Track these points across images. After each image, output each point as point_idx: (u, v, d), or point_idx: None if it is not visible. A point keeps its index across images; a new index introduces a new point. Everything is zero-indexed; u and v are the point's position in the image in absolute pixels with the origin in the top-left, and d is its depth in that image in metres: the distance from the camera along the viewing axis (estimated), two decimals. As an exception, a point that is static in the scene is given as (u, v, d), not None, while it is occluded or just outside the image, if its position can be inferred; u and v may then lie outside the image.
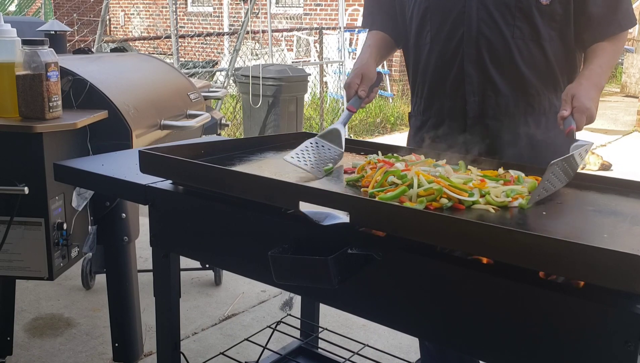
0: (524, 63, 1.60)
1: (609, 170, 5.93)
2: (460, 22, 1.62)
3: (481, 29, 1.60)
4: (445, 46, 1.65)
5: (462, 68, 1.64)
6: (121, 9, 13.76)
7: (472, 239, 0.95)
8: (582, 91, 1.46)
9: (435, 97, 1.72)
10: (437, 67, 1.69)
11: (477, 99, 1.64)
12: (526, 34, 1.58)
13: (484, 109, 1.64)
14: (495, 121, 1.64)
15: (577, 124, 1.42)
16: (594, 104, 1.46)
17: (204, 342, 2.70)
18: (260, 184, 1.19)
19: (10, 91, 1.81)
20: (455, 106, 1.67)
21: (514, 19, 1.57)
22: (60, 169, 1.58)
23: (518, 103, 1.62)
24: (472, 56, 1.62)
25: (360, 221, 1.09)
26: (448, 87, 1.68)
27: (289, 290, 1.49)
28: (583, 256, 0.86)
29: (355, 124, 7.83)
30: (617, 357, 0.88)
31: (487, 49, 1.60)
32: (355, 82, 1.63)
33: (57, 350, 2.58)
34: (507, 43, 1.59)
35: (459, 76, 1.65)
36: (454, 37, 1.63)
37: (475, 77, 1.63)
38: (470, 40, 1.61)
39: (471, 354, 1.07)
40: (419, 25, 1.71)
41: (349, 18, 9.66)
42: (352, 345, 1.97)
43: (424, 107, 1.75)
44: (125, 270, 2.12)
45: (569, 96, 1.46)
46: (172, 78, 2.70)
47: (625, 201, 1.30)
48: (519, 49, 1.59)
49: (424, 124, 1.76)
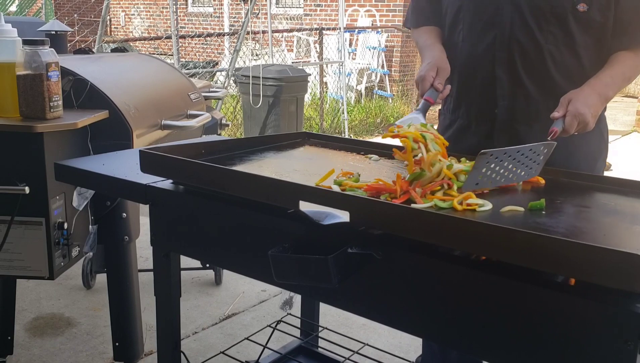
0: (556, 69, 1.57)
1: (609, 170, 5.92)
2: (493, 24, 1.59)
3: (514, 32, 1.56)
4: (476, 47, 1.62)
5: (492, 71, 1.61)
6: (122, 10, 13.75)
7: (472, 238, 0.95)
8: (581, 96, 1.44)
9: (464, 98, 1.70)
10: (467, 68, 1.66)
11: (506, 103, 1.61)
12: (560, 39, 1.55)
13: (514, 113, 1.61)
14: (524, 126, 1.61)
15: (566, 127, 1.41)
16: (591, 111, 1.43)
17: (205, 341, 2.70)
18: (260, 183, 1.19)
19: (10, 90, 1.81)
20: (483, 109, 1.65)
21: (548, 25, 1.54)
22: (60, 169, 1.58)
23: (549, 108, 1.55)
24: (504, 59, 1.59)
25: (360, 221, 1.09)
26: (477, 89, 1.65)
27: (289, 289, 1.49)
28: (583, 256, 0.86)
29: (355, 124, 7.83)
30: (617, 356, 0.88)
31: (520, 54, 1.57)
32: (430, 75, 1.57)
33: (57, 350, 2.58)
34: (540, 48, 1.56)
35: (489, 79, 1.62)
36: (485, 38, 1.60)
37: (505, 81, 1.60)
38: (502, 43, 1.58)
39: (471, 353, 1.07)
40: (452, 23, 1.68)
41: (349, 19, 9.67)
42: (352, 344, 1.97)
43: (453, 106, 1.73)
44: (125, 270, 2.12)
45: (566, 100, 1.45)
46: (172, 78, 2.70)
47: (625, 201, 1.30)
48: (552, 54, 1.56)
49: (452, 123, 1.74)
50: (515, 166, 1.29)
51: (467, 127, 1.70)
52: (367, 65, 9.28)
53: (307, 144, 1.80)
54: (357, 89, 9.14)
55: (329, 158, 1.65)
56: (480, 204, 1.17)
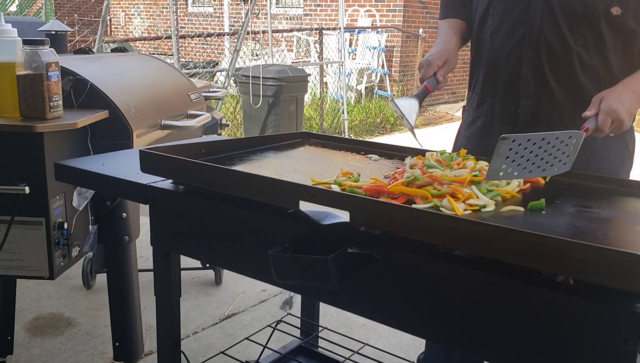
0: (584, 72, 1.53)
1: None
2: (522, 21, 1.56)
3: (544, 32, 1.53)
4: (503, 45, 1.60)
5: (518, 70, 1.58)
6: (122, 10, 13.76)
7: (472, 238, 0.96)
8: (614, 94, 1.40)
9: (488, 95, 1.67)
10: (493, 65, 1.64)
11: (530, 103, 1.59)
12: (590, 42, 1.51)
13: (537, 114, 1.59)
14: (547, 127, 1.56)
15: (599, 126, 1.36)
16: (625, 108, 1.38)
17: (205, 341, 2.70)
18: (260, 183, 1.19)
19: (11, 90, 1.81)
20: (507, 107, 1.63)
21: (579, 26, 1.50)
22: (60, 169, 1.58)
23: (573, 112, 1.53)
24: (531, 58, 1.56)
25: (360, 221, 1.09)
26: (502, 87, 1.63)
27: (289, 289, 1.49)
28: (583, 255, 0.86)
29: (355, 124, 7.83)
30: (617, 355, 0.88)
31: (547, 54, 1.54)
32: (437, 64, 1.54)
33: (57, 350, 2.58)
34: (569, 50, 1.52)
35: (514, 77, 1.60)
36: (514, 36, 1.58)
37: (531, 81, 1.58)
38: (530, 42, 1.55)
39: (471, 353, 1.07)
40: (481, 18, 1.66)
41: (349, 19, 9.67)
42: (352, 344, 1.97)
43: (477, 103, 1.72)
44: (125, 270, 2.12)
45: (598, 98, 1.40)
46: (172, 78, 2.70)
47: (625, 201, 1.30)
48: (580, 57, 1.52)
49: (475, 120, 1.73)
50: (542, 156, 1.22)
51: (490, 125, 1.68)
52: (367, 65, 9.28)
53: (307, 144, 1.80)
54: (357, 89, 9.14)
55: (329, 158, 1.65)
56: (481, 205, 1.16)
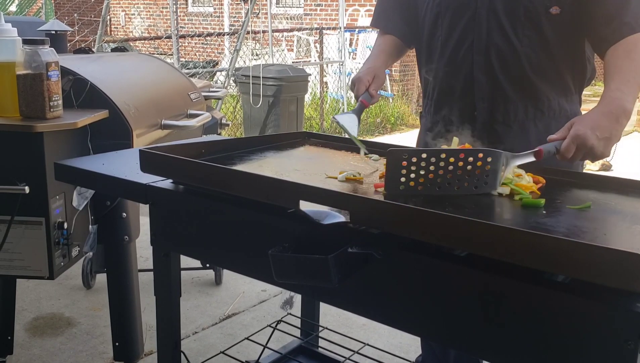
0: (533, 71, 1.60)
1: (609, 170, 5.94)
2: (470, 29, 1.62)
3: (491, 37, 1.59)
4: (455, 52, 1.65)
5: (471, 74, 1.64)
6: (122, 9, 13.76)
7: (472, 238, 0.96)
8: (584, 120, 1.36)
9: (445, 101, 1.72)
10: (447, 72, 1.69)
11: (486, 105, 1.64)
12: (535, 42, 1.58)
13: (493, 115, 1.64)
14: (504, 126, 1.64)
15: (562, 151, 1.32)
16: (596, 133, 1.31)
17: (205, 341, 2.70)
18: (260, 183, 1.19)
19: (10, 90, 1.81)
20: (464, 111, 1.67)
21: (523, 28, 1.57)
22: (60, 169, 1.58)
23: (527, 109, 1.62)
24: (482, 63, 1.62)
25: (360, 221, 1.09)
26: (457, 92, 1.68)
27: (289, 289, 1.49)
28: (583, 255, 0.86)
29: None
30: (617, 355, 0.88)
31: (497, 57, 1.60)
32: (367, 79, 1.64)
33: (57, 350, 2.58)
34: (517, 51, 1.58)
35: (468, 82, 1.65)
36: (463, 43, 1.63)
37: (484, 84, 1.63)
38: (480, 47, 1.61)
39: (471, 353, 1.07)
40: (431, 28, 1.71)
41: (349, 18, 9.67)
42: (353, 344, 1.97)
43: (434, 109, 1.76)
44: (125, 270, 2.12)
45: (569, 123, 1.36)
46: (172, 78, 2.70)
47: (625, 201, 1.30)
48: (528, 57, 1.59)
49: (434, 125, 1.76)
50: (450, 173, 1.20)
51: (449, 128, 1.71)
52: (367, 65, 9.25)
53: (307, 143, 1.80)
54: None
55: (329, 157, 1.65)
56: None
